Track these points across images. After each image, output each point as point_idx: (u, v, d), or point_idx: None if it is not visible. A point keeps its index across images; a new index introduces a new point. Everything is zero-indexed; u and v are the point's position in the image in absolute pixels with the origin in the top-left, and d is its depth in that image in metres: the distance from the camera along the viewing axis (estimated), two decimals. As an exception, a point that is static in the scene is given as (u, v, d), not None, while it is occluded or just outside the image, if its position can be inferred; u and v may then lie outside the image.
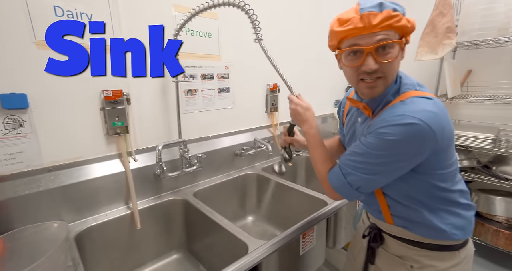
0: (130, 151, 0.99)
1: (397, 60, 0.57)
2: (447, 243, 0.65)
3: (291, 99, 0.77)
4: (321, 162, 0.70)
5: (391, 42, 0.54)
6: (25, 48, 0.76)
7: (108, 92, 0.90)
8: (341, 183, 0.62)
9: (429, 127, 0.52)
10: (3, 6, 0.71)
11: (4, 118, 0.74)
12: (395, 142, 0.53)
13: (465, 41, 1.59)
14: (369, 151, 0.57)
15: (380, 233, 0.72)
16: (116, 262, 0.95)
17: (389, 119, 0.55)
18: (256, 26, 0.77)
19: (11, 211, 0.76)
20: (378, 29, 0.52)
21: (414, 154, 0.55)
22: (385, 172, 0.58)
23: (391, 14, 0.51)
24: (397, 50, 0.55)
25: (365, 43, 0.54)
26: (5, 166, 0.76)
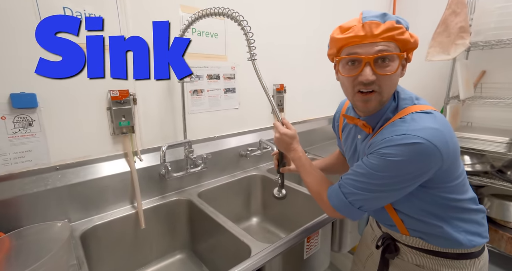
0: (135, 150, 1.00)
1: (395, 75, 0.54)
2: (466, 251, 0.63)
3: (276, 127, 0.75)
4: (317, 185, 0.68)
5: (392, 54, 0.52)
6: (36, 48, 0.76)
7: (115, 92, 0.90)
8: (342, 203, 0.59)
9: (433, 146, 0.50)
10: (14, 6, 0.72)
11: (14, 117, 0.76)
12: (399, 163, 0.51)
13: (479, 41, 1.53)
14: (371, 172, 0.54)
15: (394, 243, 0.69)
16: (121, 261, 0.96)
17: (390, 139, 0.53)
18: (251, 45, 0.75)
19: (19, 209, 0.77)
20: (380, 39, 0.51)
21: (420, 174, 0.53)
22: (389, 192, 0.56)
23: (394, 26, 0.50)
24: (397, 64, 0.53)
25: (365, 52, 0.52)
26: (15, 164, 0.78)
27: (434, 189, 0.58)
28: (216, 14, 0.80)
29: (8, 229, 0.72)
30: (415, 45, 0.54)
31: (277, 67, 1.43)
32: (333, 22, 1.72)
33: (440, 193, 0.59)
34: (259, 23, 1.28)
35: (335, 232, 1.01)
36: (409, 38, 0.52)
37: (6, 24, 0.72)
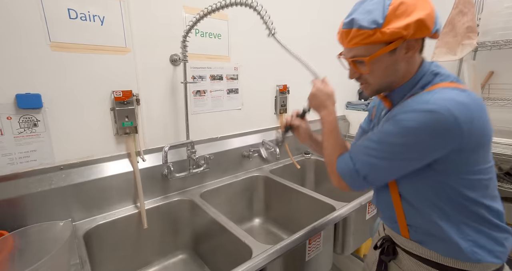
0: (138, 151, 1.00)
1: (379, 67, 0.55)
2: (469, 267, 0.56)
3: (314, 83, 0.74)
4: (333, 148, 0.65)
5: (360, 58, 0.55)
6: (40, 49, 0.78)
7: (118, 93, 0.91)
8: (348, 170, 0.58)
9: (454, 118, 0.46)
10: (20, 8, 0.73)
11: (20, 117, 0.77)
12: (413, 130, 0.49)
13: (487, 41, 1.51)
14: (383, 137, 0.53)
15: (393, 246, 0.66)
16: (123, 260, 0.96)
17: (410, 105, 0.51)
18: (267, 21, 0.75)
19: (24, 208, 0.79)
20: (351, 45, 0.55)
21: (432, 147, 0.49)
22: (396, 161, 0.53)
23: (357, 33, 0.52)
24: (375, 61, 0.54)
25: (345, 55, 0.59)
26: (20, 163, 0.79)
27: (448, 177, 0.53)
28: (222, 7, 0.80)
29: (13, 227, 0.73)
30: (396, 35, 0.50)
31: (280, 67, 1.42)
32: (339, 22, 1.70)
33: (455, 185, 0.53)
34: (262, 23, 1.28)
35: (338, 234, 1.00)
36: (378, 37, 0.51)
37: (12, 26, 0.73)
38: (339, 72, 1.92)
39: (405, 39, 0.51)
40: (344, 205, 0.98)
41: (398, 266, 0.66)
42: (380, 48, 0.52)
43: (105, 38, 0.88)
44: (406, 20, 0.49)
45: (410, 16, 0.49)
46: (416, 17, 0.49)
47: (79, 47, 0.84)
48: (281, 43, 0.78)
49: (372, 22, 0.50)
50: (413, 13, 0.49)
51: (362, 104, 1.77)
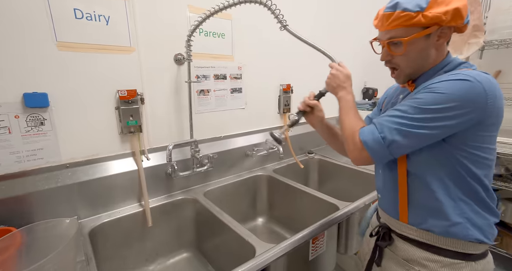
0: (143, 149, 1.01)
1: (414, 49, 0.59)
2: (462, 250, 0.60)
3: (332, 66, 0.77)
4: (354, 121, 0.66)
5: (397, 40, 0.59)
6: (47, 49, 0.79)
7: (123, 92, 0.92)
8: (373, 137, 0.58)
9: (482, 87, 0.51)
10: (28, 9, 0.74)
11: (27, 116, 0.78)
12: (446, 96, 0.52)
13: (494, 39, 1.48)
14: (413, 106, 0.55)
15: (389, 233, 0.69)
16: (128, 258, 0.97)
17: (440, 78, 0.55)
18: (278, 15, 0.77)
19: (31, 205, 0.80)
20: (391, 27, 0.58)
21: (461, 114, 0.52)
22: (425, 129, 0.54)
23: (400, 15, 0.56)
24: (412, 43, 0.58)
25: (381, 37, 0.63)
26: (27, 161, 0.80)
27: (460, 150, 0.56)
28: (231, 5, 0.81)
29: (20, 224, 0.74)
30: (436, 20, 0.54)
31: (284, 67, 1.42)
32: (343, 20, 1.70)
33: (464, 160, 0.56)
34: (266, 23, 1.28)
35: (341, 234, 1.00)
36: (420, 20, 0.55)
37: (20, 26, 0.74)
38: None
39: (440, 26, 0.56)
40: (347, 205, 0.98)
41: (393, 252, 0.68)
42: (418, 31, 0.56)
43: (110, 37, 0.89)
44: (446, 7, 0.54)
45: (449, 5, 0.54)
46: (454, 5, 0.54)
47: (84, 47, 0.85)
48: (295, 34, 0.80)
49: (416, 5, 0.55)
50: (451, 3, 0.54)
51: (366, 103, 1.76)
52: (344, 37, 1.70)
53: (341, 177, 1.44)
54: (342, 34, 1.69)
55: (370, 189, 1.10)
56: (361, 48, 1.84)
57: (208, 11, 0.87)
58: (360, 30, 1.81)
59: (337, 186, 1.46)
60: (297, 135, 1.53)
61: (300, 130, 1.56)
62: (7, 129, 0.76)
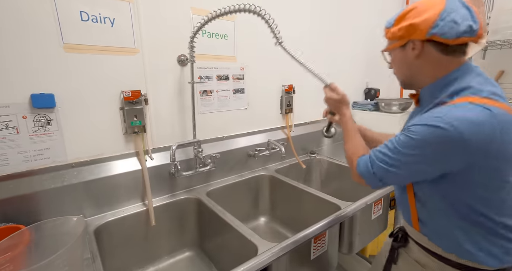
0: (147, 149, 1.02)
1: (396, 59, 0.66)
2: (474, 265, 0.59)
3: (325, 92, 0.82)
4: (352, 151, 0.71)
5: (384, 50, 0.69)
6: (54, 51, 0.81)
7: (128, 93, 0.93)
8: (367, 171, 0.63)
9: (459, 135, 0.48)
10: (35, 12, 0.76)
11: (34, 116, 0.80)
12: (417, 142, 0.53)
13: (497, 40, 1.48)
14: (395, 147, 0.58)
15: (406, 236, 0.73)
16: (132, 256, 0.99)
17: (424, 118, 0.54)
18: (274, 30, 0.78)
19: (38, 203, 0.81)
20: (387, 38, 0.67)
21: (437, 160, 0.53)
22: (406, 170, 0.57)
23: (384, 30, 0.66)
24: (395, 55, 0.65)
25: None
26: (34, 161, 0.82)
27: (462, 192, 0.55)
28: (230, 12, 0.81)
29: (28, 222, 0.75)
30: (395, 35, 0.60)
31: (286, 68, 1.43)
32: (344, 21, 1.71)
33: (469, 201, 0.55)
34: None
35: (343, 234, 1.01)
36: (389, 35, 0.63)
37: (27, 29, 0.76)
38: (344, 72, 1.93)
39: (409, 39, 0.59)
40: (349, 205, 0.98)
41: (408, 254, 0.72)
42: (393, 43, 0.64)
43: (115, 39, 0.90)
44: (401, 24, 0.59)
45: (406, 21, 0.58)
46: (409, 22, 0.57)
47: (90, 48, 0.86)
48: (288, 51, 0.81)
49: (388, 22, 0.64)
50: (409, 19, 0.57)
51: (368, 104, 1.76)
52: (344, 37, 1.71)
53: (343, 177, 1.44)
54: (343, 35, 1.69)
55: (372, 189, 1.11)
56: (362, 48, 1.85)
57: (210, 14, 0.88)
58: (361, 30, 1.81)
59: (339, 186, 1.47)
60: (299, 135, 1.53)
61: (303, 131, 1.57)
62: (15, 129, 0.78)
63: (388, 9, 1.98)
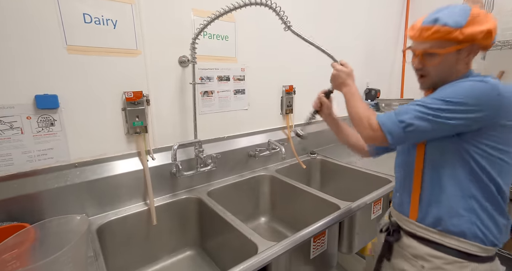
0: (148, 150, 1.04)
1: (446, 62, 0.63)
2: (466, 249, 0.63)
3: (333, 66, 0.82)
4: (366, 111, 0.69)
5: (434, 51, 0.63)
6: (57, 52, 0.82)
7: (130, 94, 0.95)
8: (391, 120, 0.62)
9: (497, 90, 0.57)
10: (39, 14, 0.78)
11: (38, 117, 0.81)
12: (460, 90, 0.58)
13: (497, 40, 1.48)
14: (431, 97, 0.60)
15: (398, 230, 0.75)
16: (133, 255, 1.00)
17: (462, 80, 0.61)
18: (282, 16, 0.79)
19: (42, 203, 0.83)
20: (429, 39, 0.63)
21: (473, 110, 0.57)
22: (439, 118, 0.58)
23: (440, 29, 0.60)
24: (442, 58, 0.63)
25: (417, 47, 0.67)
26: (38, 161, 0.83)
27: (475, 148, 0.60)
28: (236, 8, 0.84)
29: (32, 221, 0.77)
30: (471, 38, 0.59)
31: (286, 68, 1.44)
32: (344, 22, 1.71)
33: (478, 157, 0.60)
34: (268, 25, 1.30)
35: (343, 233, 1.02)
36: (458, 36, 0.59)
37: (32, 31, 0.77)
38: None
39: (473, 43, 0.61)
40: (349, 205, 0.99)
41: (401, 248, 0.74)
42: (453, 45, 0.61)
43: (118, 41, 0.92)
44: (481, 27, 0.59)
45: (483, 25, 0.59)
46: (488, 27, 0.59)
47: (93, 50, 0.88)
48: (299, 34, 0.84)
49: (456, 22, 0.59)
50: (485, 24, 0.59)
51: (369, 104, 1.76)
52: (345, 38, 1.72)
53: (343, 178, 1.45)
54: (343, 35, 1.70)
55: (371, 189, 1.12)
56: (363, 48, 1.85)
57: (213, 15, 0.89)
58: (362, 31, 1.82)
59: (339, 186, 1.48)
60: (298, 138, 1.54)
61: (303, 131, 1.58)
62: (19, 130, 0.79)
63: (389, 10, 1.98)
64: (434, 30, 0.61)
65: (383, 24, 1.97)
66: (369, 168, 1.35)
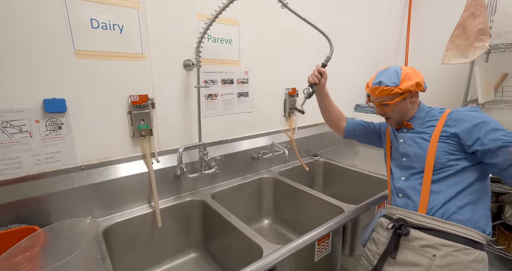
0: (153, 152, 1.05)
1: (398, 107, 0.86)
2: (472, 237, 0.72)
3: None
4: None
5: (386, 102, 0.85)
6: (65, 57, 0.84)
7: (135, 97, 0.96)
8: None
9: None
10: (48, 20, 0.79)
11: (46, 120, 0.83)
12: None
13: (500, 43, 1.48)
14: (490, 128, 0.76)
15: (405, 225, 0.78)
16: (139, 257, 1.01)
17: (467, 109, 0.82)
18: None
19: (49, 205, 0.84)
20: (380, 95, 0.86)
21: None
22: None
23: (384, 88, 0.83)
24: (393, 105, 0.85)
25: (374, 100, 0.91)
26: (46, 164, 0.85)
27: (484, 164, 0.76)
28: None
29: (39, 223, 0.78)
30: (407, 90, 0.82)
31: (289, 71, 1.45)
32: (347, 25, 1.72)
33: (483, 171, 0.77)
34: (272, 27, 1.31)
35: (346, 236, 1.02)
36: (397, 91, 0.82)
37: (41, 36, 0.78)
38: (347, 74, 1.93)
39: (410, 92, 0.83)
40: (352, 207, 1.00)
41: (408, 242, 0.77)
42: (397, 97, 0.84)
43: (124, 45, 0.93)
44: (412, 82, 0.82)
45: (412, 80, 0.82)
46: (416, 80, 0.82)
47: (100, 54, 0.89)
48: (295, 12, 0.90)
49: (393, 82, 0.83)
50: (413, 78, 0.82)
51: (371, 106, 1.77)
52: (347, 40, 1.72)
53: (346, 180, 1.45)
54: (346, 38, 1.71)
55: (375, 191, 1.12)
56: (365, 51, 1.86)
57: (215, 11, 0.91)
58: (364, 33, 1.83)
59: (342, 189, 1.48)
60: (302, 138, 1.55)
61: (306, 133, 1.59)
62: (28, 133, 0.80)
63: (390, 13, 1.99)
64: (380, 90, 0.83)
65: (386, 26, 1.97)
66: (372, 170, 1.35)
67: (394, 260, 0.78)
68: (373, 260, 0.84)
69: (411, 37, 2.06)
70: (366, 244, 0.91)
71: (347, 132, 1.11)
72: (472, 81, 1.56)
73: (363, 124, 1.10)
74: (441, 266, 0.70)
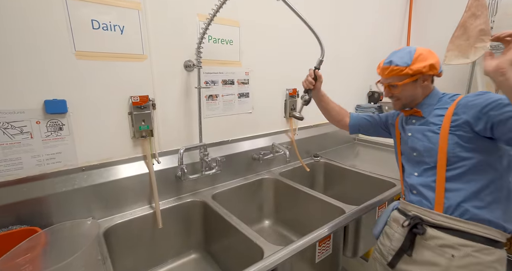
0: (154, 153, 1.05)
1: (406, 89, 0.81)
2: (493, 236, 0.69)
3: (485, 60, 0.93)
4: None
5: (394, 84, 0.82)
6: (66, 58, 0.84)
7: (136, 98, 0.96)
8: None
9: None
10: (49, 21, 0.79)
11: (47, 121, 0.83)
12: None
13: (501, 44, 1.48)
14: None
15: (421, 223, 0.76)
16: (139, 258, 1.01)
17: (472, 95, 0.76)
18: None
19: (50, 206, 0.84)
20: (389, 76, 0.82)
21: None
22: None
23: (394, 68, 0.79)
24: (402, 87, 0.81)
25: (383, 81, 0.86)
26: (47, 165, 0.85)
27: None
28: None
29: (40, 224, 0.78)
30: (418, 71, 0.77)
31: (290, 72, 1.45)
32: (347, 25, 1.72)
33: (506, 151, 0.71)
34: (273, 27, 1.31)
35: (347, 237, 1.02)
36: (408, 71, 0.78)
37: (42, 37, 0.79)
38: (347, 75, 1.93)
39: (422, 74, 0.78)
40: (353, 208, 0.99)
41: (425, 241, 0.75)
42: (407, 78, 0.80)
43: (124, 46, 0.93)
44: (424, 63, 0.77)
45: (426, 61, 0.77)
46: (430, 62, 0.77)
47: (100, 55, 0.89)
48: (291, 6, 0.89)
49: (404, 62, 0.78)
50: (427, 60, 0.77)
51: (372, 107, 1.77)
52: (347, 41, 1.72)
53: (346, 181, 1.45)
54: (346, 38, 1.71)
55: (375, 192, 1.12)
56: (365, 51, 1.86)
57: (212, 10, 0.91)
58: (364, 34, 1.83)
59: (343, 190, 1.48)
60: (303, 139, 1.55)
61: (306, 134, 1.59)
62: (29, 134, 0.80)
63: (390, 13, 1.99)
64: (390, 70, 0.80)
65: (386, 27, 1.97)
66: (373, 171, 1.35)
67: (410, 258, 0.76)
68: (387, 255, 0.83)
69: (411, 38, 2.06)
70: (379, 237, 0.90)
71: (352, 128, 1.08)
72: (473, 82, 1.55)
73: (367, 118, 1.07)
74: (461, 267, 0.68)
